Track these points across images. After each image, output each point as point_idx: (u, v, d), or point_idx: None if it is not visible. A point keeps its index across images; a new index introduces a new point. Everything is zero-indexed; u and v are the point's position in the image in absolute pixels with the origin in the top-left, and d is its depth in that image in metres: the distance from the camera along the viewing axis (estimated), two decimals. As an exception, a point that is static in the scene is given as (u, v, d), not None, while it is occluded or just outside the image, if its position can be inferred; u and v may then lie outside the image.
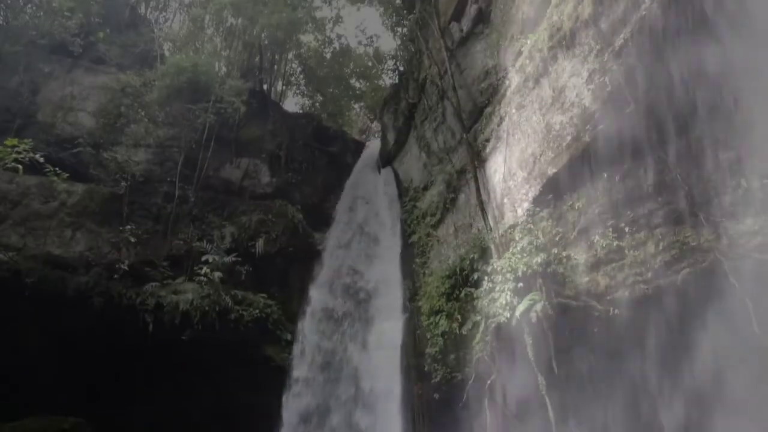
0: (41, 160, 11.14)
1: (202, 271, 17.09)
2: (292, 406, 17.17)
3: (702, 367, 9.39)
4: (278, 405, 17.35)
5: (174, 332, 16.54)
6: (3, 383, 17.28)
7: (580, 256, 11.00)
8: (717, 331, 8.93)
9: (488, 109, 15.54)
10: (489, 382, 12.72)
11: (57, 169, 11.78)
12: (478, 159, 15.21)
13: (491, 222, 13.74)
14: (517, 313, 11.37)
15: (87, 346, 16.99)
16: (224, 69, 24.51)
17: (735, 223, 8.83)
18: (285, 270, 19.87)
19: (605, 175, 10.68)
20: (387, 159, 23.45)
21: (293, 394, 17.39)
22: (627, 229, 10.12)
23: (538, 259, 11.38)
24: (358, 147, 27.16)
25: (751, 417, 8.40)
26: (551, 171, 11.93)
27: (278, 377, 17.67)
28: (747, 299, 8.49)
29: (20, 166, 10.67)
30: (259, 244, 18.99)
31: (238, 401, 18.70)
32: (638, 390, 11.91)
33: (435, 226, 17.38)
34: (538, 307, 11.03)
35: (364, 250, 20.25)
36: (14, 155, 10.65)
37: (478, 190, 14.52)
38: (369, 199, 22.06)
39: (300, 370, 17.77)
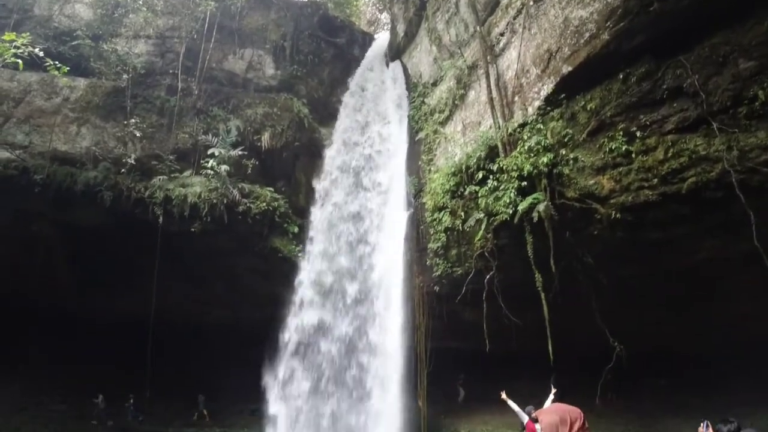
0: (41, 54, 10.78)
1: (209, 165, 17.08)
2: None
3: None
4: (286, 293, 18.27)
5: (183, 224, 16.91)
6: (18, 279, 18.18)
7: (587, 158, 10.93)
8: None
9: (504, 0, 14.68)
10: (488, 277, 13.17)
11: (57, 63, 11.38)
12: (491, 54, 14.61)
13: (500, 120, 13.48)
14: (520, 212, 11.50)
15: (99, 241, 17.59)
16: (224, -50, 22.82)
17: (747, 136, 8.67)
18: (291, 164, 19.85)
19: (621, 77, 10.30)
20: (396, 52, 22.50)
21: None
22: (638, 134, 9.95)
23: (545, 160, 11.32)
24: (366, 39, 25.92)
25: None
26: (566, 69, 11.51)
27: (286, 267, 18.37)
28: (750, 212, 8.58)
29: (20, 62, 10.39)
30: (265, 138, 18.78)
31: (249, 290, 19.64)
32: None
33: (443, 123, 17.07)
34: (541, 206, 11.14)
35: (370, 146, 20.13)
36: (13, 50, 10.36)
37: (489, 86, 14.09)
38: (376, 94, 21.48)
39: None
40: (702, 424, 6.39)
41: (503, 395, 11.23)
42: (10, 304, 19.45)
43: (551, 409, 3.98)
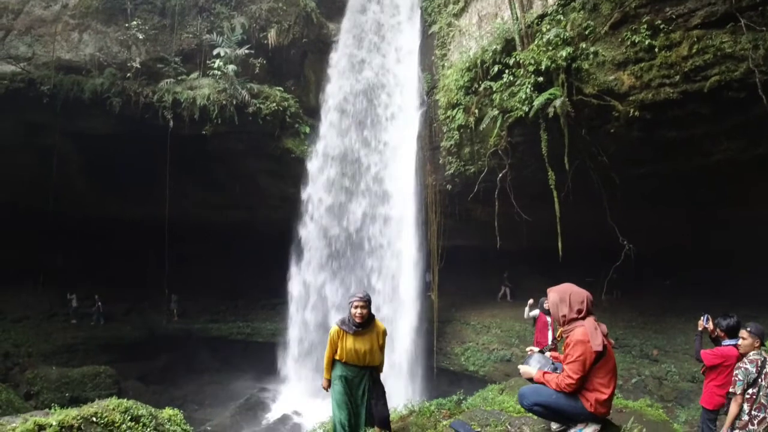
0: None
1: (215, 65, 16.67)
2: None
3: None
4: (299, 193, 18.67)
5: (194, 128, 16.83)
6: (38, 190, 18.50)
7: (608, 52, 10.42)
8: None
9: None
10: (500, 175, 13.17)
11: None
12: (508, -65, 13.48)
13: (518, 11, 12.71)
14: (535, 107, 11.20)
15: (112, 149, 17.68)
16: None
17: (775, 35, 8.16)
18: (300, 62, 19.26)
19: (649, -36, 9.56)
20: (407, -64, 20.74)
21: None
22: (663, 27, 9.38)
23: (564, 53, 10.79)
24: None
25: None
26: (591, -47, 10.65)
27: (298, 168, 18.53)
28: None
29: None
30: (271, 35, 18.02)
31: (264, 191, 19.98)
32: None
33: (457, 16, 16.16)
34: (558, 102, 10.82)
35: (381, 40, 19.31)
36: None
37: (506, -27, 13.17)
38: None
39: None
40: (703, 317, 6.65)
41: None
42: (33, 217, 20.16)
43: (557, 288, 4.06)
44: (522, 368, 4.29)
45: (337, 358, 5.36)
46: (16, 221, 20.16)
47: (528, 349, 4.81)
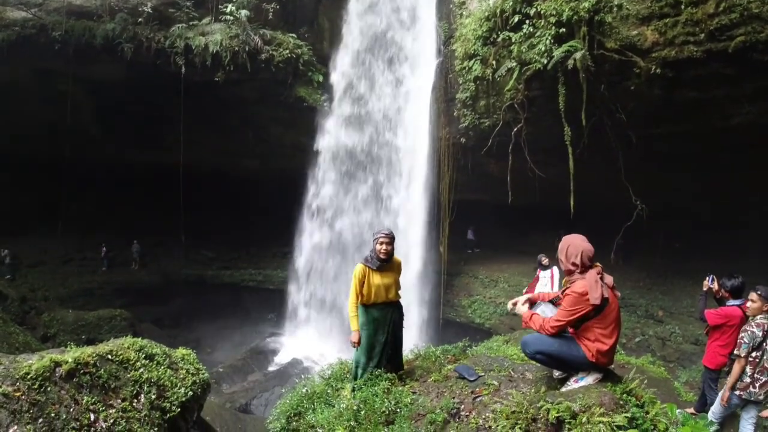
0: None
1: (228, 10, 16.32)
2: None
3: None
4: (311, 142, 18.61)
5: (206, 74, 16.64)
6: (54, 138, 18.52)
7: (633, 6, 10.13)
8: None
9: None
10: (515, 129, 13.02)
11: None
12: None
13: (541, -42, 12.24)
14: (555, 59, 10.92)
15: (125, 96, 17.66)
16: None
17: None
18: (314, 8, 18.73)
19: None
20: None
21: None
22: (689, -18, 9.08)
23: (586, 5, 10.47)
24: None
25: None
26: None
27: (311, 117, 18.39)
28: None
29: None
30: (285, -22, 17.55)
31: (276, 140, 19.92)
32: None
33: (477, -39, 15.59)
34: (578, 55, 10.56)
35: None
36: None
37: None
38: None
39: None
40: (708, 277, 6.66)
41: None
42: (49, 164, 20.31)
43: (565, 237, 4.12)
44: (517, 307, 4.29)
45: (363, 302, 5.34)
46: (34, 169, 20.38)
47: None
